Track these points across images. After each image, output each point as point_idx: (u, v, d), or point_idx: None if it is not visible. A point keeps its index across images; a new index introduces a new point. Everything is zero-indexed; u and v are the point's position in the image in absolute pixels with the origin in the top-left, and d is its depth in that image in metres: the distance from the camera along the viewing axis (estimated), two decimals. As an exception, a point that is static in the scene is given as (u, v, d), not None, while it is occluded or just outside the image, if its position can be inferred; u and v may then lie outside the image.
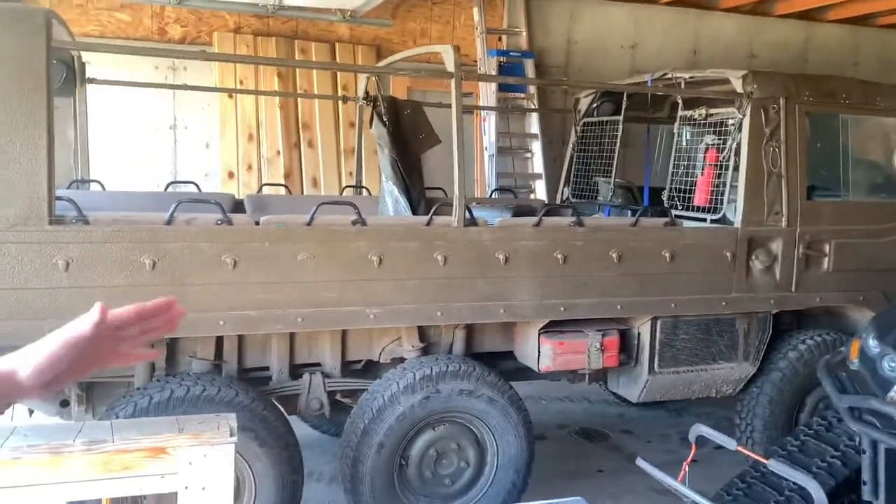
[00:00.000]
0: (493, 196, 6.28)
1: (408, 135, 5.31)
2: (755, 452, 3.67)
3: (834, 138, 4.81)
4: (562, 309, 3.93)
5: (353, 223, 3.56)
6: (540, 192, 7.23)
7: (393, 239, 3.57)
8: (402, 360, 4.02)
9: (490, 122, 7.13)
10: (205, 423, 2.54)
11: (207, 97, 6.59)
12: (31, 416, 3.91)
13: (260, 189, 5.74)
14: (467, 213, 3.78)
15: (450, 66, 3.70)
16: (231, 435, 2.48)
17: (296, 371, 3.97)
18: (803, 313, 4.77)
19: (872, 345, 3.34)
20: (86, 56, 4.90)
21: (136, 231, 3.20)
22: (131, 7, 6.44)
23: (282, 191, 5.80)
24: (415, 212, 4.92)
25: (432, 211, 3.74)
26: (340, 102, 6.58)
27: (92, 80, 4.71)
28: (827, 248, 4.43)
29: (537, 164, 7.30)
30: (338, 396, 4.12)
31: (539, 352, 4.06)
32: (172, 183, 5.40)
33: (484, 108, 6.91)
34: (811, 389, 4.52)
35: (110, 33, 6.45)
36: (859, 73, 8.20)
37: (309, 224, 3.48)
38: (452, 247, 3.67)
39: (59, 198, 3.16)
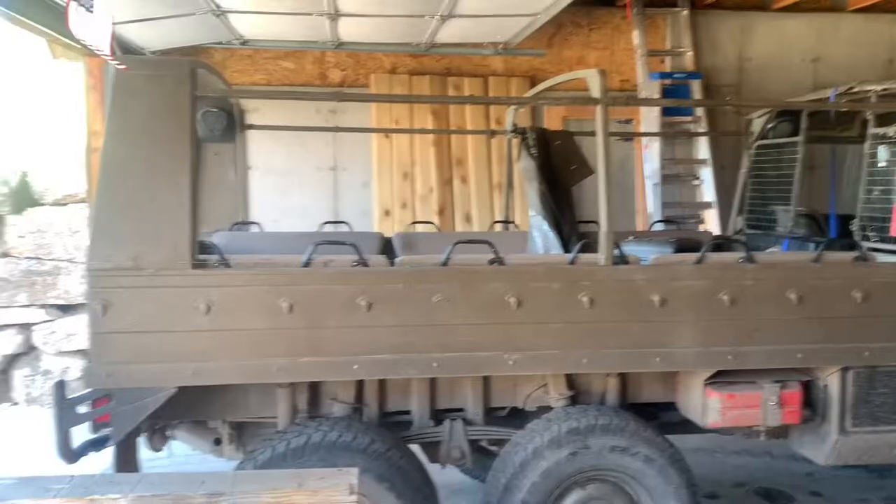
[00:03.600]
0: (656, 228, 5.82)
1: (558, 166, 5.06)
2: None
3: None
4: (729, 357, 3.47)
5: (490, 262, 3.36)
6: (710, 221, 6.67)
7: (532, 279, 3.31)
8: (548, 408, 3.74)
9: (653, 149, 6.70)
10: (325, 479, 2.42)
11: (365, 139, 6.74)
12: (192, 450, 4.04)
13: (409, 227, 5.71)
14: (616, 251, 3.45)
15: (595, 92, 3.42)
16: (350, 493, 2.34)
17: (438, 415, 3.80)
18: None
19: None
20: (253, 104, 5.14)
21: (274, 274, 3.20)
22: (294, 55, 6.75)
23: (432, 228, 5.73)
24: (565, 247, 4.64)
25: (576, 249, 3.45)
26: (492, 137, 6.46)
27: (250, 126, 4.91)
28: None
29: (707, 192, 6.75)
30: (483, 443, 3.91)
31: (705, 405, 3.61)
32: (327, 223, 5.51)
33: (645, 134, 6.50)
34: None
35: (276, 80, 6.79)
36: None
37: (444, 264, 3.32)
38: (599, 288, 3.35)
39: (202, 242, 3.23)
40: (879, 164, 4.09)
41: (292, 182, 6.72)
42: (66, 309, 6.86)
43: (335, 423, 3.39)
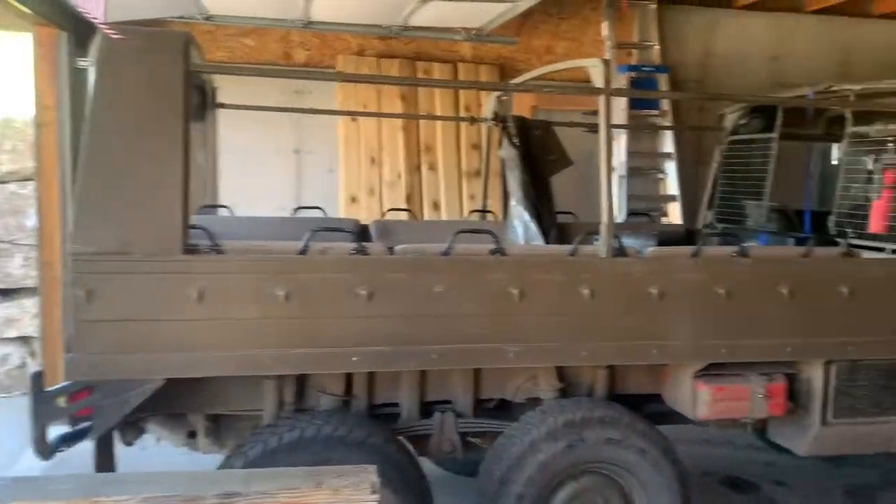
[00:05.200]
0: (629, 220, 5.86)
1: (538, 156, 5.03)
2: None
3: None
4: (723, 350, 3.50)
5: (493, 253, 3.28)
6: (673, 214, 6.76)
7: (535, 271, 3.26)
8: (537, 400, 3.70)
9: (620, 142, 6.73)
10: (344, 477, 2.30)
11: (331, 122, 6.55)
12: (157, 442, 3.84)
13: (384, 214, 5.57)
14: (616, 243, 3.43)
15: (598, 82, 3.39)
16: (373, 492, 2.23)
17: (426, 408, 3.72)
18: None
19: None
20: (216, 81, 4.90)
21: (271, 261, 3.05)
22: (257, 32, 6.50)
23: (404, 215, 5.61)
24: (546, 237, 4.62)
25: (577, 240, 3.41)
26: (462, 124, 6.37)
27: (223, 105, 4.69)
28: None
29: (671, 186, 6.83)
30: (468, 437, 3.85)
31: (695, 398, 3.64)
32: (300, 208, 5.33)
33: (618, 126, 6.53)
34: None
35: (238, 58, 6.53)
36: None
37: (446, 254, 3.23)
38: (600, 280, 3.32)
39: (192, 226, 3.05)
40: (855, 162, 4.19)
41: (254, 165, 6.48)
42: (7, 293, 6.45)
43: (328, 416, 3.27)
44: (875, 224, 3.97)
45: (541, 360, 3.36)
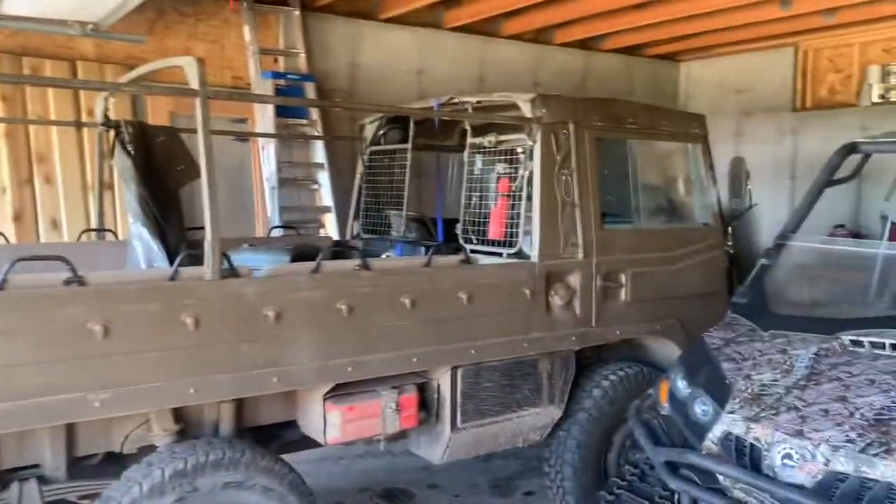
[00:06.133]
0: (274, 234, 5.57)
1: (162, 166, 4.50)
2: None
3: (620, 163, 4.69)
4: (349, 369, 3.34)
5: (67, 283, 2.73)
6: (330, 227, 6.63)
7: (123, 301, 2.78)
8: (153, 447, 3.22)
9: (269, 151, 6.44)
10: None
11: None
12: None
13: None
14: (225, 262, 3.08)
15: (193, 83, 3.00)
16: None
17: (5, 478, 3.03)
18: (602, 345, 4.56)
19: (681, 386, 3.09)
20: None
21: None
22: None
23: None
24: (171, 258, 4.12)
25: (177, 262, 3.00)
26: (78, 130, 5.56)
27: None
28: (623, 278, 4.24)
29: (325, 197, 6.70)
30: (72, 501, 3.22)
31: (325, 421, 3.44)
32: None
33: (259, 134, 6.21)
34: (617, 428, 4.28)
35: None
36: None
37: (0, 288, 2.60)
38: (206, 306, 2.95)
39: None
40: (475, 172, 4.36)
41: None
42: None
43: None
44: (493, 230, 4.14)
45: (138, 405, 2.88)
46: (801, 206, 3.92)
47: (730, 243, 4.83)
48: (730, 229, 4.86)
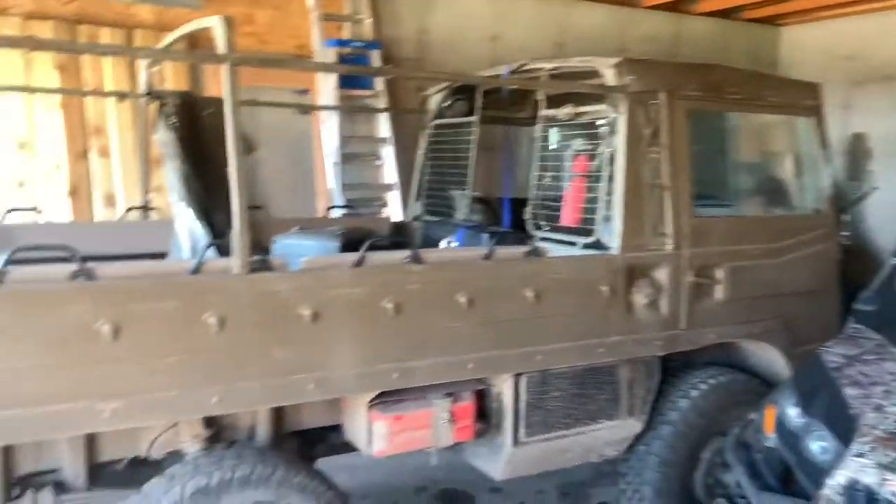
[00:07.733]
0: (332, 214, 5.19)
1: (211, 141, 4.16)
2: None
3: (719, 140, 4.09)
4: (395, 376, 2.93)
5: (74, 276, 2.41)
6: (394, 205, 6.23)
7: (135, 298, 2.43)
8: (182, 454, 2.92)
9: (331, 125, 6.06)
10: None
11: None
12: None
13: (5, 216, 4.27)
14: (259, 255, 2.70)
15: (220, 47, 2.61)
16: None
17: (22, 482, 2.78)
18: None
19: (793, 415, 2.54)
20: None
21: None
22: None
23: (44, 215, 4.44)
24: (220, 240, 3.80)
25: (202, 252, 2.64)
26: (121, 101, 5.31)
27: None
28: (719, 273, 3.67)
29: (389, 174, 6.30)
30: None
31: (370, 431, 3.05)
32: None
33: (314, 107, 5.84)
34: (707, 443, 3.75)
35: None
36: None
37: (-3, 283, 2.30)
38: (232, 304, 2.59)
39: None
40: (548, 148, 3.85)
41: None
42: None
43: None
44: (567, 216, 3.64)
45: (152, 416, 2.55)
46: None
47: (845, 233, 4.16)
48: (845, 217, 4.19)
